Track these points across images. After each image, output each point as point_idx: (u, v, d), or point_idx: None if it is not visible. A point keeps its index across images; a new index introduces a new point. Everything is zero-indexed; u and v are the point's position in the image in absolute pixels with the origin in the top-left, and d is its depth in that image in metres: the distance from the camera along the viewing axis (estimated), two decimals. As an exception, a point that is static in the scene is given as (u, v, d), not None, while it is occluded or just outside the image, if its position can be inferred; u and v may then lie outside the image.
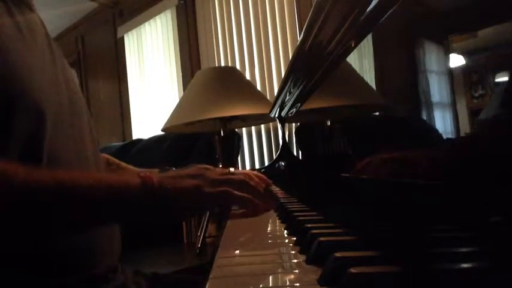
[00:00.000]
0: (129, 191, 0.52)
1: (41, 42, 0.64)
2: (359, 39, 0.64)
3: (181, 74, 2.62)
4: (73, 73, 0.75)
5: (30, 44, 0.60)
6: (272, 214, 0.64)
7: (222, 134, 1.66)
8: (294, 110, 1.16)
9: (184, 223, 1.61)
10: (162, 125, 1.72)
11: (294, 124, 1.71)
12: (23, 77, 0.55)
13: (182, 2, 2.57)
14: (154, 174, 0.54)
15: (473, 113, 0.40)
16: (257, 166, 2.19)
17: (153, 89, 2.83)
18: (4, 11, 0.58)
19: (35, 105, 0.55)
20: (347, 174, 0.75)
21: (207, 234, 1.50)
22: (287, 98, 1.09)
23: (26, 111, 0.54)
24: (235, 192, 0.55)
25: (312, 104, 1.00)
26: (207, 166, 0.60)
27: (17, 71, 0.54)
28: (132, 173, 0.84)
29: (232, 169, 0.64)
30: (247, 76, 2.18)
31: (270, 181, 0.87)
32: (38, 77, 0.58)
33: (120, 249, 0.71)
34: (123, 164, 0.89)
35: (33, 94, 0.55)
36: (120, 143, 2.41)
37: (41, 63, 0.61)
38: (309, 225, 0.42)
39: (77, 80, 0.75)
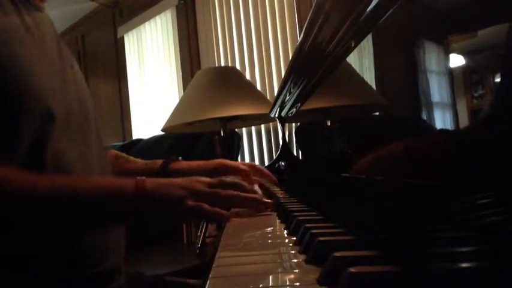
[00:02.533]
0: (123, 195, 0.55)
1: (50, 42, 0.64)
2: (359, 39, 0.64)
3: (181, 74, 2.62)
4: (80, 72, 0.75)
5: (39, 45, 0.60)
6: (272, 214, 0.64)
7: (222, 134, 1.66)
8: (294, 110, 1.16)
9: (184, 223, 1.61)
10: (162, 125, 1.72)
11: (294, 124, 1.71)
12: (33, 79, 0.55)
13: (182, 2, 2.57)
14: (148, 180, 0.56)
15: (473, 113, 0.40)
16: (257, 166, 2.19)
17: (153, 89, 2.83)
18: (13, 11, 0.58)
19: (44, 106, 0.56)
20: (347, 174, 0.75)
21: (207, 234, 1.50)
22: (287, 98, 1.09)
23: (34, 113, 0.55)
24: (209, 208, 0.57)
25: (312, 104, 1.00)
26: (200, 178, 0.62)
27: (27, 73, 0.55)
28: (138, 168, 0.87)
29: (227, 178, 0.66)
30: (247, 76, 2.18)
31: (275, 178, 0.88)
32: (47, 78, 0.58)
33: (124, 249, 0.72)
34: (131, 158, 0.91)
35: (43, 96, 0.56)
36: (120, 143, 2.41)
37: (50, 64, 0.61)
38: (309, 225, 0.42)
39: (84, 80, 0.76)
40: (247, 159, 2.25)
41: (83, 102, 0.68)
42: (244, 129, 2.23)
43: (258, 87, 2.07)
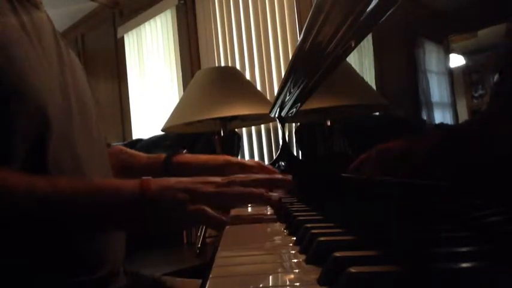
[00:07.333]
0: (121, 195, 0.52)
1: (48, 41, 0.63)
2: (359, 39, 0.64)
3: (181, 74, 2.62)
4: (82, 70, 0.74)
5: (36, 44, 0.59)
6: (271, 214, 0.64)
7: (222, 134, 1.66)
8: (294, 110, 1.16)
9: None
10: (162, 125, 1.72)
11: (294, 124, 1.71)
12: (27, 80, 0.54)
13: (182, 2, 2.57)
14: (154, 181, 0.53)
15: (473, 113, 0.40)
16: (257, 166, 2.19)
17: (153, 89, 2.83)
18: (9, 10, 0.57)
19: (39, 107, 0.55)
20: (347, 174, 0.75)
21: (207, 234, 1.50)
22: (287, 98, 1.09)
23: (29, 114, 0.53)
24: (208, 214, 0.54)
25: (312, 104, 1.00)
26: (209, 179, 0.57)
27: (21, 75, 0.54)
28: (139, 162, 0.87)
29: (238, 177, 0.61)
30: (247, 76, 2.18)
31: (277, 170, 0.88)
32: (43, 79, 0.57)
33: (123, 255, 0.71)
34: (135, 152, 0.91)
35: (38, 97, 0.55)
36: (120, 143, 2.42)
37: (47, 64, 0.60)
38: (309, 225, 0.42)
39: (85, 79, 0.74)
40: (247, 160, 2.25)
41: (83, 102, 0.67)
42: (244, 129, 2.23)
43: (258, 87, 2.07)
